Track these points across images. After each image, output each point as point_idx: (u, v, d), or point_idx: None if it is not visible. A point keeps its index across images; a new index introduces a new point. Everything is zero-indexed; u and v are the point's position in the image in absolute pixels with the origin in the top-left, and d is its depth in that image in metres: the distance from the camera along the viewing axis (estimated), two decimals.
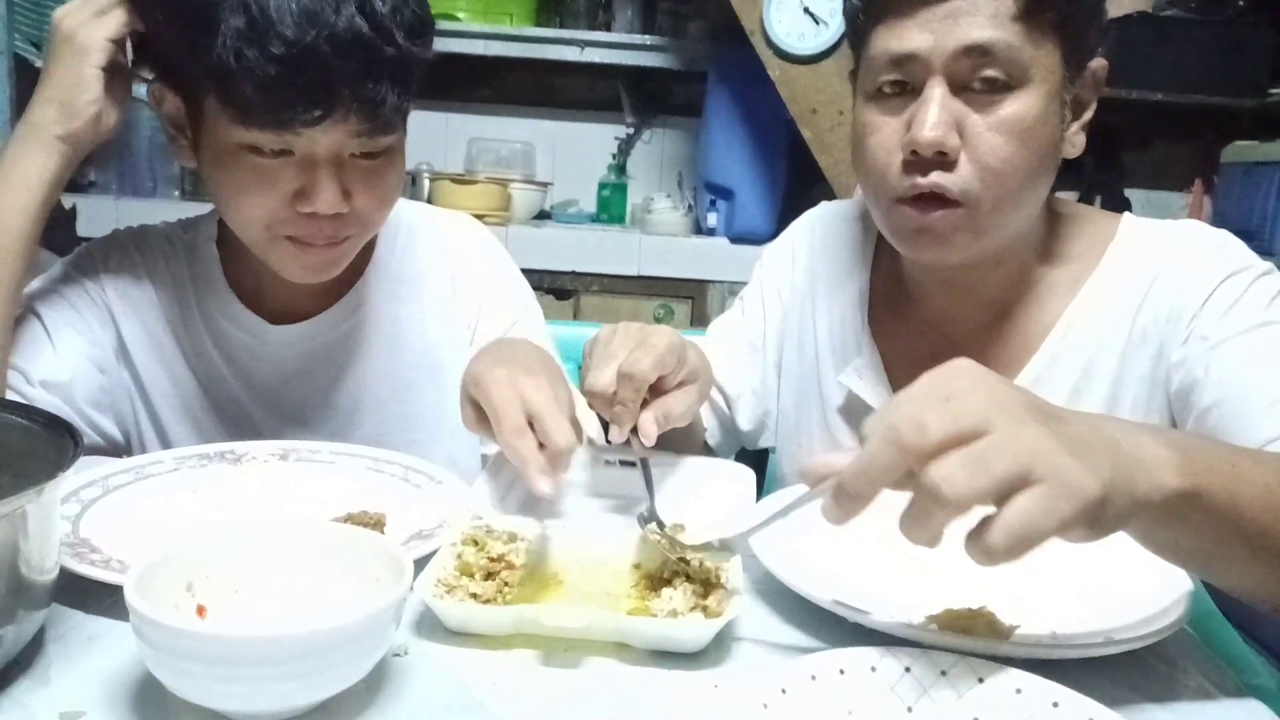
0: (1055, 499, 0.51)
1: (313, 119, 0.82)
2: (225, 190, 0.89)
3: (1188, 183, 2.84)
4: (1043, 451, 0.52)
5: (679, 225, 2.79)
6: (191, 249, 1.05)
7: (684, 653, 0.65)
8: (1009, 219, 0.87)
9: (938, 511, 0.52)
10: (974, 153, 0.83)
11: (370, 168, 0.89)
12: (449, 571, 0.69)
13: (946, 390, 0.55)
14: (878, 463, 0.53)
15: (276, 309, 1.03)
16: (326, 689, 0.55)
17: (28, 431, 0.65)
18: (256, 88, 0.79)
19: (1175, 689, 0.65)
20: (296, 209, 0.87)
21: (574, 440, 0.77)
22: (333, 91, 0.82)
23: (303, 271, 0.94)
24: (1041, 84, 0.83)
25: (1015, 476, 0.51)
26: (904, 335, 1.01)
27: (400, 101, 0.86)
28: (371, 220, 0.93)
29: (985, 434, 0.52)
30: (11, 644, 0.58)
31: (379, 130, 0.86)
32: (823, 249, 1.10)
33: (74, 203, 2.48)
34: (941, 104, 0.82)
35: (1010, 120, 0.83)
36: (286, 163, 0.86)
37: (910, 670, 0.58)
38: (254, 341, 1.03)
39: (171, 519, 0.79)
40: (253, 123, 0.82)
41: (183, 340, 1.03)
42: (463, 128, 3.04)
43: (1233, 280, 0.87)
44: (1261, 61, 2.51)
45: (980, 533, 0.52)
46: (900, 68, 0.84)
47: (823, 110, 2.36)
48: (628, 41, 2.86)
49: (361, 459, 0.92)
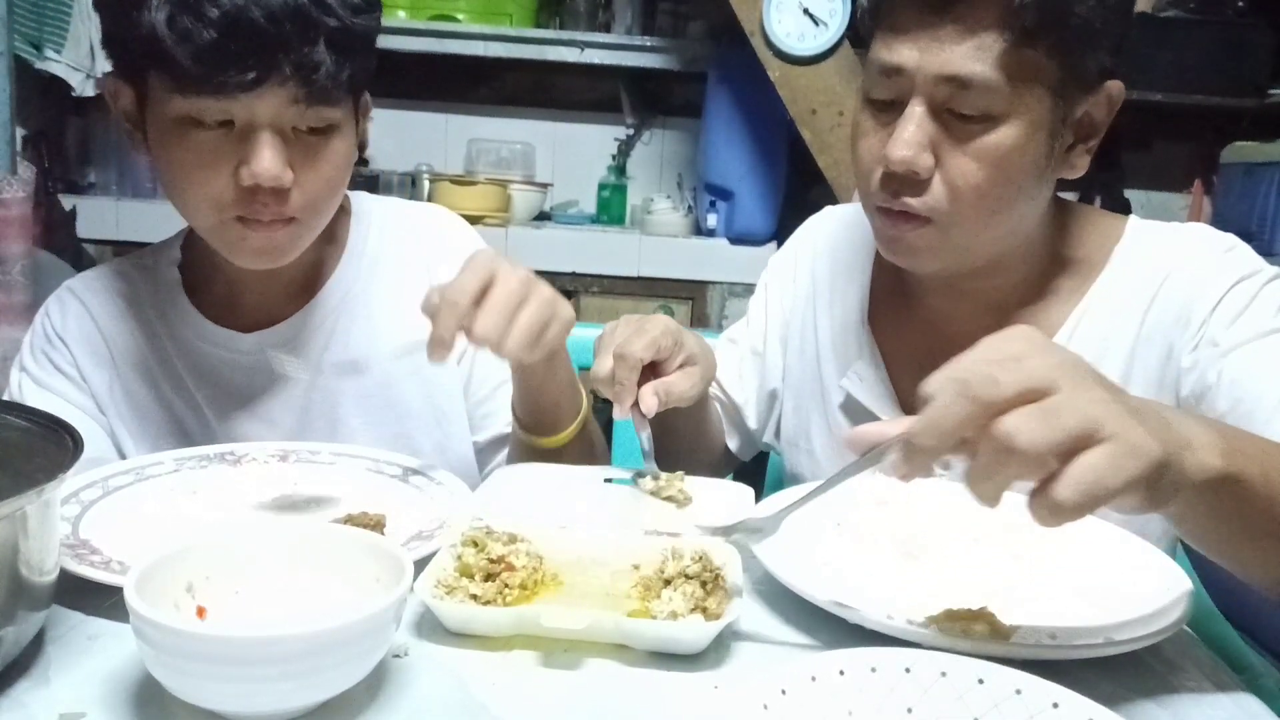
0: (1123, 456, 0.52)
1: (248, 82, 0.82)
2: (171, 171, 0.89)
3: (1187, 183, 2.84)
4: (1110, 412, 0.53)
5: (679, 226, 2.79)
6: (153, 277, 1.04)
7: (684, 654, 0.65)
8: (981, 239, 0.88)
9: (1009, 463, 0.53)
10: (946, 174, 0.84)
11: (313, 143, 0.89)
12: (449, 573, 0.69)
13: (1010, 351, 0.56)
14: (950, 415, 0.54)
15: (251, 318, 1.02)
16: (326, 689, 0.55)
17: (28, 432, 0.65)
18: (191, 52, 0.80)
19: (1175, 689, 0.65)
20: (240, 182, 0.87)
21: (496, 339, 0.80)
22: (268, 55, 0.82)
23: (253, 255, 0.93)
24: (1024, 116, 0.82)
25: (1084, 432, 0.52)
26: (905, 336, 1.01)
27: (338, 69, 0.86)
28: (318, 202, 0.92)
29: (1053, 392, 0.53)
30: (12, 645, 0.58)
31: (317, 98, 0.86)
32: (825, 252, 1.10)
33: (74, 204, 2.48)
34: (919, 124, 0.83)
35: (985, 150, 0.82)
36: (227, 135, 0.86)
37: (910, 670, 0.58)
38: (229, 353, 1.02)
39: (171, 520, 0.79)
40: (190, 88, 0.82)
41: (154, 372, 1.02)
42: (462, 129, 3.04)
43: (1243, 285, 0.87)
44: (1261, 62, 2.51)
45: (1045, 491, 0.53)
46: (889, 80, 0.85)
47: (822, 111, 2.35)
48: (627, 42, 2.86)
49: (361, 460, 0.92)
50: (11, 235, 1.89)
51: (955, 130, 0.83)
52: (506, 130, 3.04)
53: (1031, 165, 0.84)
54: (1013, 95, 0.81)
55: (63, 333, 1.02)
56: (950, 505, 0.82)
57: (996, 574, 0.77)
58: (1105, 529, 0.82)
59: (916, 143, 0.83)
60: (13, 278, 1.89)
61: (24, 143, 2.29)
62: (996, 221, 0.86)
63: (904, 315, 1.01)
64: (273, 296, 1.02)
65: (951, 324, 0.98)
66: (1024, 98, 0.81)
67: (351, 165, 0.95)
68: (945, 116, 0.83)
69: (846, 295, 1.06)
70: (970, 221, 0.85)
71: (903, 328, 1.01)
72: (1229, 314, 0.87)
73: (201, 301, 1.03)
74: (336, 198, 0.95)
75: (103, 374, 1.02)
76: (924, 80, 0.82)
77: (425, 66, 2.82)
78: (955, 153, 0.83)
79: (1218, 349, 0.86)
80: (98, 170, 2.78)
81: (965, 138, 0.83)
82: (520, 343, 0.81)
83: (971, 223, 0.86)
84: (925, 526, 0.81)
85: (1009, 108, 0.81)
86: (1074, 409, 0.53)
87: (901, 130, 0.83)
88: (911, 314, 1.01)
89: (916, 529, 0.81)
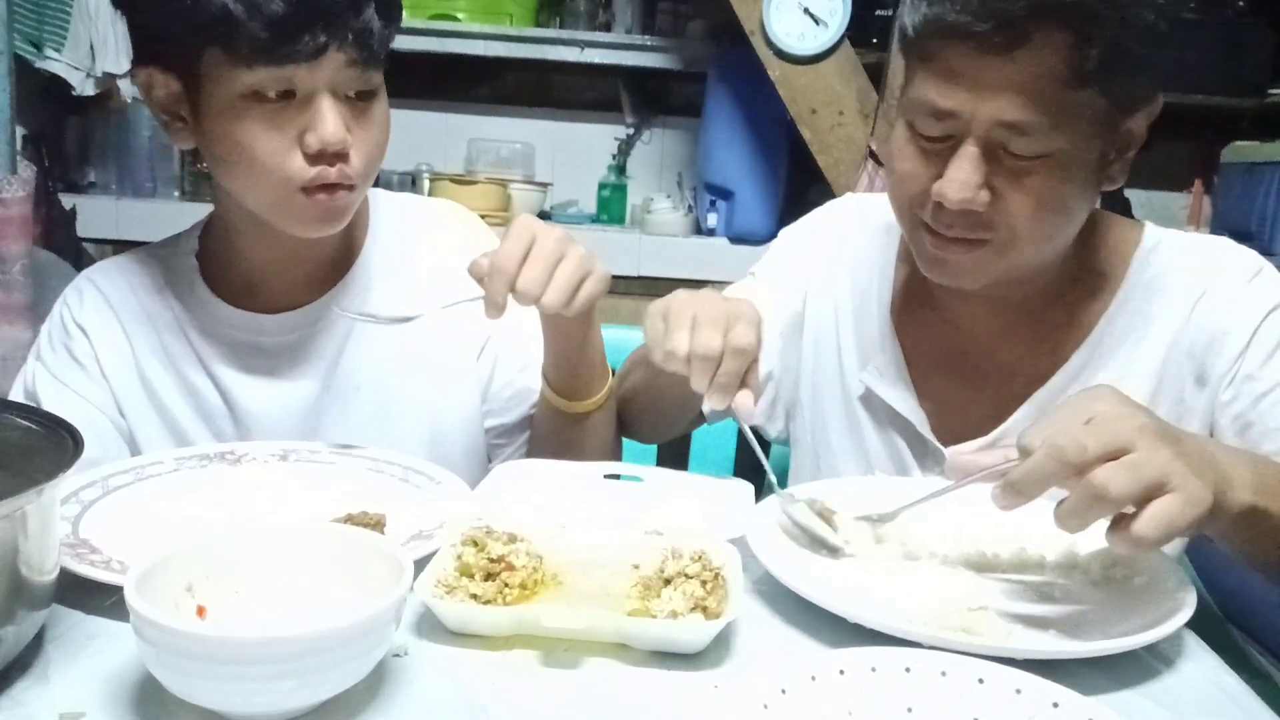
0: (1186, 504, 0.65)
1: (318, 46, 0.86)
2: (235, 150, 0.90)
3: (1187, 183, 2.84)
4: (1177, 468, 0.65)
5: (679, 225, 2.79)
6: (170, 266, 1.06)
7: (684, 654, 0.65)
8: (1032, 259, 0.89)
9: (1099, 507, 0.64)
10: (1002, 207, 0.84)
11: (362, 107, 0.93)
12: (449, 572, 0.69)
13: (1092, 412, 0.68)
14: (1045, 471, 0.65)
15: (272, 303, 1.03)
16: (326, 689, 0.55)
17: (28, 431, 0.65)
18: (264, 24, 0.84)
19: (1175, 689, 0.65)
20: (306, 150, 0.90)
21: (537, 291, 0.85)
22: (334, 21, 0.87)
23: (316, 222, 0.95)
24: (1077, 149, 0.82)
25: (1157, 485, 0.64)
26: (928, 335, 1.01)
27: (386, 32, 0.91)
28: (371, 164, 0.95)
29: (1132, 450, 0.65)
30: (12, 644, 0.58)
31: (370, 62, 0.90)
32: (850, 242, 1.09)
33: (74, 203, 2.48)
34: (975, 165, 0.82)
35: (1040, 186, 0.83)
36: (289, 104, 0.89)
37: (910, 670, 0.58)
38: (250, 335, 1.03)
39: (171, 519, 0.79)
40: (259, 60, 0.86)
41: (174, 357, 1.03)
42: (462, 128, 3.04)
43: (1276, 316, 0.90)
44: (1261, 62, 2.51)
45: (1125, 527, 0.65)
46: (939, 121, 0.84)
47: (822, 110, 2.35)
48: (627, 42, 2.86)
49: (361, 459, 0.92)
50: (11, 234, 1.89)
51: (1010, 165, 0.83)
52: (506, 130, 3.04)
53: (1082, 189, 0.86)
54: (1069, 136, 0.81)
55: (81, 321, 1.04)
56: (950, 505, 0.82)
57: (997, 574, 0.77)
58: None
59: (974, 185, 0.83)
60: (13, 277, 1.89)
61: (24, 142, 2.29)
62: (1049, 245, 0.88)
63: (927, 314, 1.02)
64: (293, 283, 1.03)
65: (976, 324, 0.98)
66: (1079, 134, 0.82)
67: (389, 134, 0.98)
68: (999, 154, 0.83)
69: (869, 289, 1.06)
70: (1026, 246, 0.86)
71: (926, 326, 1.02)
72: (1264, 349, 0.90)
73: (220, 289, 1.04)
74: (381, 161, 0.98)
75: (121, 362, 1.03)
76: (980, 124, 0.81)
77: (425, 66, 2.81)
78: (1010, 188, 0.83)
79: (1255, 385, 0.89)
80: (98, 169, 2.78)
81: (1020, 173, 0.83)
82: (559, 296, 0.86)
83: (1027, 247, 0.87)
84: (926, 526, 0.81)
85: (1064, 145, 0.81)
86: (1152, 465, 0.64)
87: (957, 172, 0.83)
88: (935, 313, 1.01)
89: (917, 528, 0.81)
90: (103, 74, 2.51)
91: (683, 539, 0.74)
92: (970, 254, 0.87)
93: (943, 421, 0.99)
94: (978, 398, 0.98)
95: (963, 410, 0.98)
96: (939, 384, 1.00)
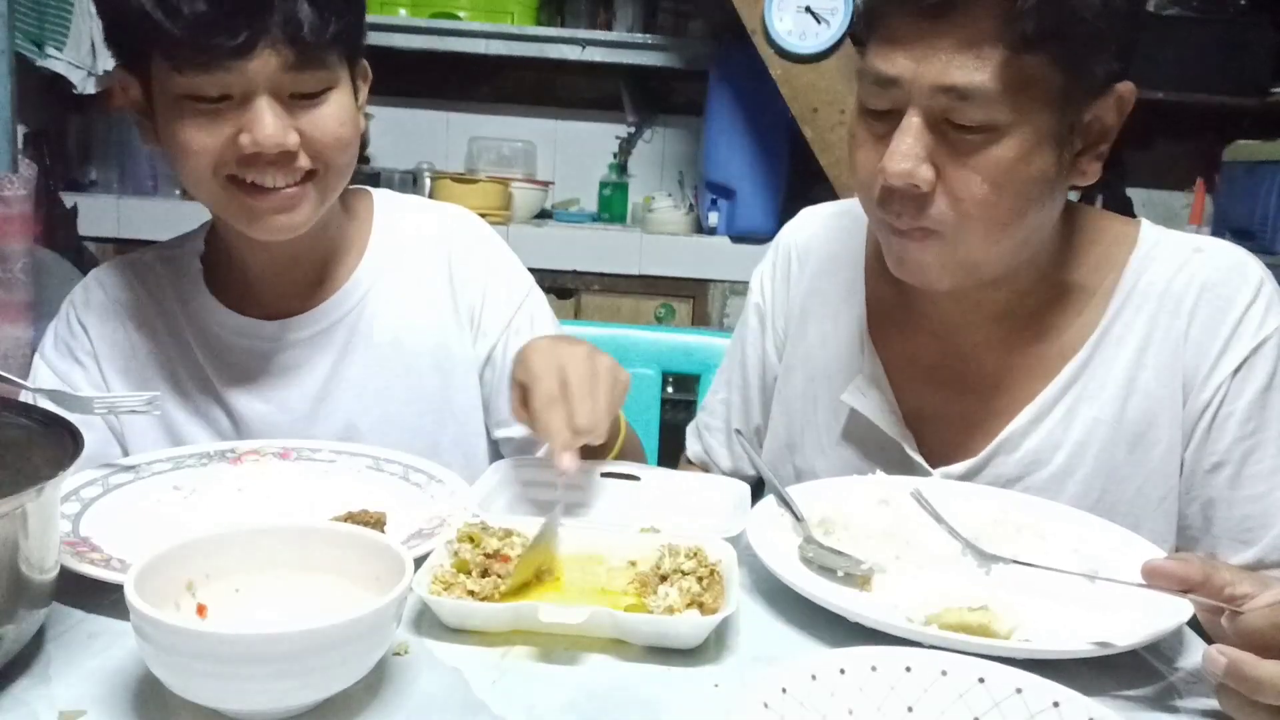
0: None
1: (239, 46, 0.84)
2: (176, 148, 0.91)
3: (1189, 182, 2.83)
4: None
5: (680, 224, 2.79)
6: (176, 268, 1.06)
7: (681, 649, 0.65)
8: (991, 254, 0.85)
9: None
10: (949, 188, 0.81)
11: (312, 105, 0.91)
12: (446, 569, 0.69)
13: None
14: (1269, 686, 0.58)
15: (269, 310, 1.03)
16: (327, 688, 0.55)
17: (28, 431, 0.65)
18: (181, 25, 0.83)
19: (1175, 689, 0.65)
20: (241, 150, 0.88)
21: (596, 423, 0.80)
22: (254, 16, 0.85)
23: (267, 224, 0.93)
24: (1027, 125, 0.79)
25: None
26: (909, 347, 0.98)
27: (323, 26, 0.88)
28: (330, 157, 0.93)
29: None
30: (12, 643, 0.58)
31: (308, 60, 0.88)
32: (810, 260, 1.07)
33: (74, 202, 2.48)
34: (915, 136, 0.80)
35: (988, 163, 0.80)
36: (228, 106, 0.88)
37: (910, 669, 0.58)
38: (249, 340, 1.03)
39: (171, 518, 0.79)
40: (185, 63, 0.85)
41: (173, 360, 1.04)
42: (464, 127, 3.04)
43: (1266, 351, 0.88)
44: (1263, 61, 2.51)
45: None
46: (885, 90, 0.82)
47: (824, 109, 2.35)
48: (629, 40, 2.86)
49: (361, 458, 0.92)
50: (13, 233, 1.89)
51: (955, 142, 0.80)
52: (508, 128, 3.04)
53: (1039, 175, 0.81)
54: (1014, 105, 0.78)
55: (84, 320, 1.05)
56: (951, 506, 0.82)
57: (996, 574, 0.77)
58: (1106, 529, 0.82)
59: (914, 155, 0.80)
60: (14, 275, 1.89)
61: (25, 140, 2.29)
62: (1006, 235, 0.84)
63: (908, 326, 0.98)
64: (290, 288, 1.04)
65: (959, 334, 0.95)
66: (1026, 107, 0.78)
67: (359, 128, 0.97)
68: (944, 128, 0.80)
69: (842, 305, 1.03)
70: (978, 237, 0.83)
71: (906, 339, 0.98)
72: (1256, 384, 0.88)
73: (222, 292, 1.04)
74: (347, 157, 0.96)
75: (120, 362, 1.04)
76: (920, 91, 0.79)
77: (426, 64, 2.81)
78: (956, 166, 0.80)
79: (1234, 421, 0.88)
80: (99, 168, 2.78)
81: (966, 150, 0.80)
82: (607, 422, 0.83)
83: (980, 238, 0.83)
84: (926, 526, 0.81)
85: (1011, 118, 0.78)
86: None
87: (898, 143, 0.80)
88: (916, 325, 0.98)
89: (918, 528, 0.81)
90: (104, 72, 2.52)
91: (679, 536, 0.74)
92: (924, 246, 0.84)
93: (929, 438, 0.96)
94: (964, 412, 0.95)
95: (949, 424, 0.95)
96: (922, 396, 0.97)
